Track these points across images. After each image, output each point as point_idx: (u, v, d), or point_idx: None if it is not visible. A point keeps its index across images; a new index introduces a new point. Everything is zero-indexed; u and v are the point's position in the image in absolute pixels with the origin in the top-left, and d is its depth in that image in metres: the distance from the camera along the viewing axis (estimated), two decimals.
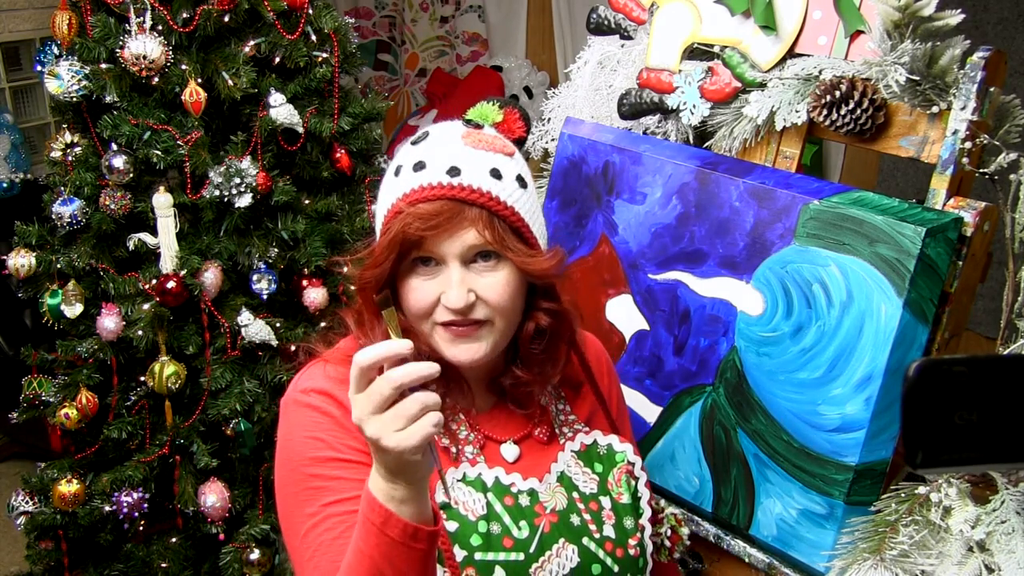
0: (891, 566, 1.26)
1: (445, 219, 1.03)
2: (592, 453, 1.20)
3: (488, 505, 1.10)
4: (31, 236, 2.28)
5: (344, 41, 2.42)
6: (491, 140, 1.10)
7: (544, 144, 1.91)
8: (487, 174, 1.06)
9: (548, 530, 1.12)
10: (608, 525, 1.16)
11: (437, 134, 1.11)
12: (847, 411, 1.32)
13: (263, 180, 2.25)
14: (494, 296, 1.07)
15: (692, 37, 1.64)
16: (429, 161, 1.06)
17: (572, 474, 1.17)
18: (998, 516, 1.21)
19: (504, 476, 1.13)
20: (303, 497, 1.07)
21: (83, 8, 2.20)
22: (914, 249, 1.26)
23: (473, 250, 1.06)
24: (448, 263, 1.06)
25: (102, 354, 2.26)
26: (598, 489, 1.18)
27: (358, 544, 0.94)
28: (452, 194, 1.04)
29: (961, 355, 0.59)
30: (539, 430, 1.20)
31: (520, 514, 1.11)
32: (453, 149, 1.07)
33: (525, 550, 1.09)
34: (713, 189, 1.51)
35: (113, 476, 2.28)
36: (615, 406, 1.33)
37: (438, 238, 1.04)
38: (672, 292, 1.55)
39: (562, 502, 1.15)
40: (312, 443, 1.08)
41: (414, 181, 1.06)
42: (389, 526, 0.91)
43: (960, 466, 0.65)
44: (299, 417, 1.10)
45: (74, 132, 2.26)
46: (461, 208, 1.04)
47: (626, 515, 1.18)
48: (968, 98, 1.31)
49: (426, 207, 1.04)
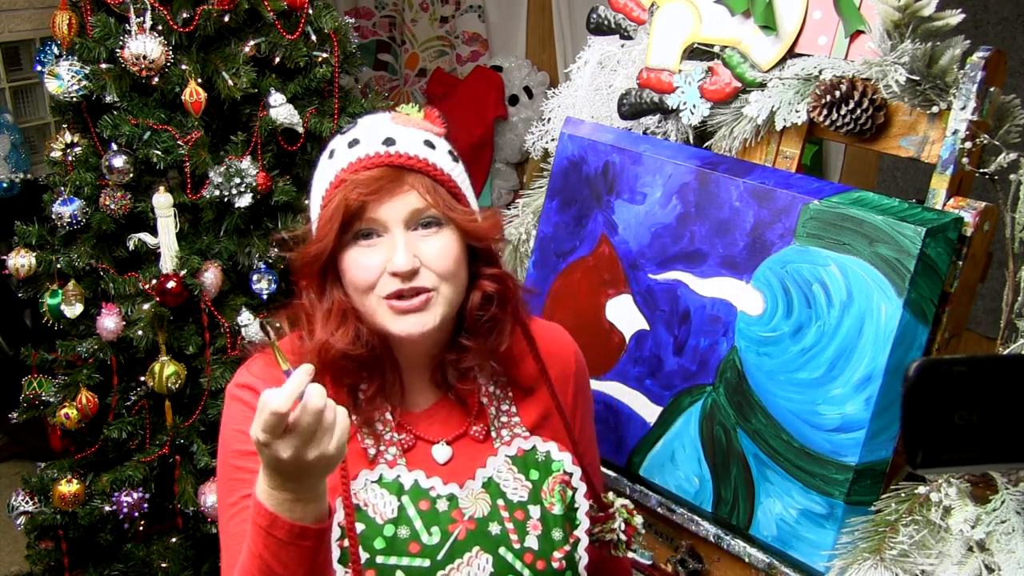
0: (891, 566, 1.26)
1: (386, 182, 1.05)
2: (529, 459, 1.16)
3: (400, 508, 1.09)
4: (31, 236, 2.28)
5: (344, 41, 2.41)
6: (419, 120, 1.12)
7: (544, 144, 1.91)
8: (421, 144, 1.09)
9: (463, 537, 1.09)
10: (532, 535, 1.12)
11: (365, 120, 1.13)
12: (847, 411, 1.32)
13: (263, 180, 2.25)
14: (439, 261, 1.07)
15: (692, 37, 1.64)
16: (363, 137, 1.08)
17: (501, 480, 1.14)
18: (998, 516, 1.21)
19: (424, 480, 1.11)
20: (228, 487, 1.09)
21: (83, 8, 2.20)
22: (914, 249, 1.26)
23: (417, 214, 1.07)
24: (391, 229, 1.06)
25: (102, 354, 2.26)
26: (528, 497, 1.14)
27: (249, 544, 0.95)
28: (390, 161, 1.06)
29: (961, 355, 0.59)
30: (475, 428, 1.17)
31: (434, 519, 1.09)
32: (384, 126, 1.10)
33: (432, 556, 1.07)
34: (713, 189, 1.51)
35: (113, 476, 2.28)
36: (574, 417, 1.26)
37: (380, 203, 1.05)
38: (672, 292, 1.55)
39: (483, 509, 1.11)
40: (238, 436, 1.09)
41: (351, 155, 1.07)
42: (275, 528, 0.92)
43: (960, 466, 0.65)
44: (231, 409, 1.13)
45: (74, 132, 2.26)
46: (400, 173, 1.06)
47: (556, 526, 1.13)
48: (968, 98, 1.31)
49: (365, 175, 1.05)
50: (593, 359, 1.67)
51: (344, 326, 1.09)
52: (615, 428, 1.63)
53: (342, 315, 1.09)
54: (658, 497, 1.58)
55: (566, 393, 1.25)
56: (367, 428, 1.12)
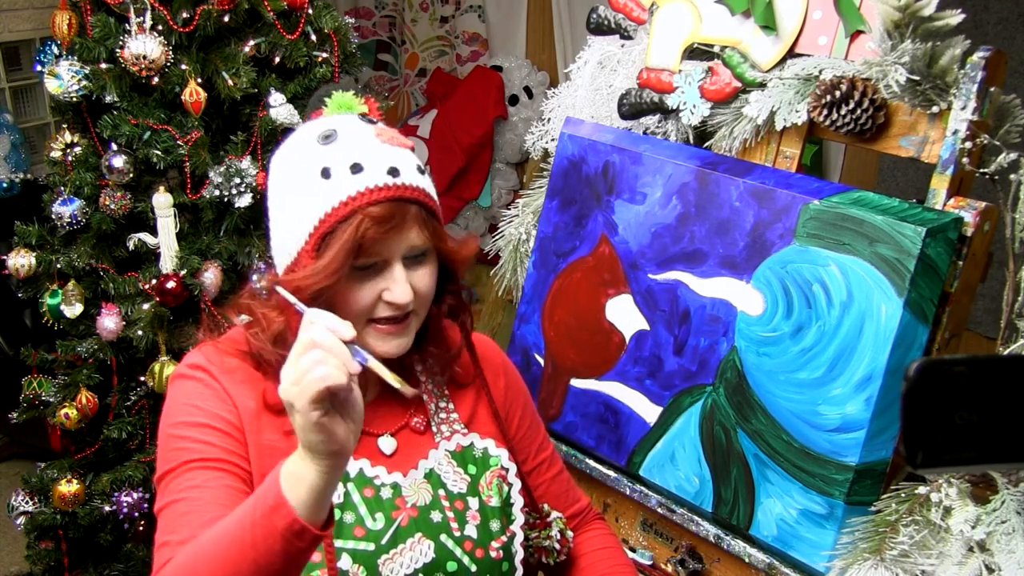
0: (891, 566, 1.26)
1: (397, 219, 1.05)
2: (467, 455, 1.21)
3: (345, 495, 1.12)
4: (31, 236, 2.27)
5: (344, 41, 2.41)
6: (394, 134, 1.11)
7: (544, 144, 1.91)
8: (416, 171, 1.09)
9: (406, 524, 1.13)
10: (472, 525, 1.17)
11: (346, 132, 1.09)
12: (847, 411, 1.32)
13: (263, 180, 2.25)
14: (424, 288, 1.11)
15: (692, 37, 1.64)
16: (365, 163, 1.06)
17: (442, 472, 1.18)
18: (998, 516, 1.21)
19: (368, 468, 1.14)
20: (168, 458, 1.08)
21: (83, 8, 2.20)
22: (914, 249, 1.26)
23: (414, 249, 1.09)
24: (392, 263, 1.08)
25: (102, 354, 2.26)
26: (467, 490, 1.19)
27: (234, 533, 0.90)
28: (398, 194, 1.05)
29: (961, 355, 0.59)
30: (416, 419, 1.21)
31: (378, 506, 1.13)
32: (376, 148, 1.07)
33: (377, 541, 1.11)
34: (713, 189, 1.51)
35: (113, 476, 2.28)
36: (511, 411, 1.30)
37: (386, 239, 1.06)
38: (672, 292, 1.55)
39: (425, 498, 1.16)
40: (189, 408, 1.10)
41: (357, 183, 1.04)
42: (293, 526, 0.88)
43: (960, 466, 0.65)
44: (183, 386, 1.12)
45: (74, 132, 2.26)
46: (405, 207, 1.06)
47: (493, 517, 1.18)
48: (968, 98, 1.31)
49: (377, 210, 1.04)
50: (593, 359, 1.68)
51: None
52: (615, 428, 1.63)
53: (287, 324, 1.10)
54: (658, 497, 1.58)
55: (498, 388, 1.29)
56: None
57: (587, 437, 1.67)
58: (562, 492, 1.35)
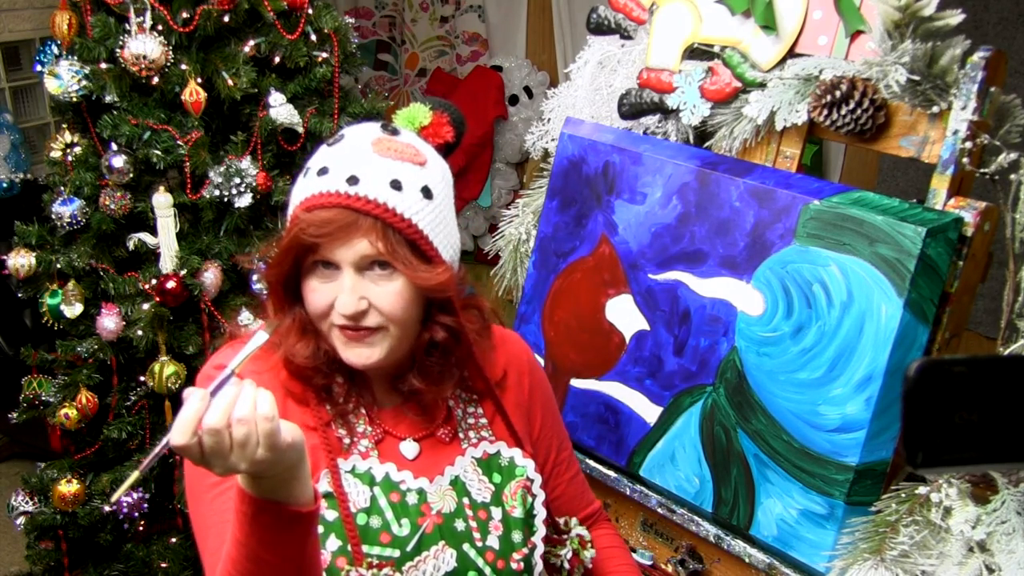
0: (891, 566, 1.26)
1: (338, 227, 1.04)
2: (493, 463, 1.20)
3: (372, 499, 1.11)
4: (31, 236, 2.27)
5: (344, 41, 2.41)
6: (402, 148, 1.09)
7: (544, 144, 1.91)
8: (387, 185, 1.06)
9: (430, 531, 1.12)
10: (494, 535, 1.16)
11: (351, 137, 1.11)
12: (847, 411, 1.32)
13: (263, 180, 2.25)
14: (387, 305, 1.08)
15: (692, 37, 1.64)
16: (332, 167, 1.07)
17: (467, 480, 1.17)
18: (998, 516, 1.21)
19: (395, 473, 1.14)
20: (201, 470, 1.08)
21: (83, 8, 2.20)
22: (914, 249, 1.26)
23: (367, 259, 1.07)
24: (343, 269, 1.07)
25: (102, 354, 2.26)
26: (491, 499, 1.17)
27: (235, 534, 0.93)
28: (348, 203, 1.05)
29: (961, 355, 0.59)
30: (442, 431, 1.19)
31: (404, 511, 1.12)
32: (359, 156, 1.08)
33: (402, 547, 1.10)
34: (713, 189, 1.50)
35: (113, 476, 2.28)
36: (533, 411, 1.29)
37: (332, 245, 1.06)
38: (672, 292, 1.55)
39: (450, 505, 1.15)
40: None
41: (315, 187, 1.07)
42: (263, 512, 0.90)
43: (960, 466, 0.65)
44: None
45: (74, 132, 2.26)
46: (356, 217, 1.05)
47: (516, 528, 1.17)
48: (968, 98, 1.31)
49: (321, 214, 1.05)
50: (593, 359, 1.68)
51: (304, 340, 1.12)
52: (615, 428, 1.63)
53: (302, 329, 1.12)
54: (658, 497, 1.58)
55: (522, 388, 1.28)
56: (341, 419, 1.15)
57: (587, 437, 1.67)
58: (578, 494, 1.35)
